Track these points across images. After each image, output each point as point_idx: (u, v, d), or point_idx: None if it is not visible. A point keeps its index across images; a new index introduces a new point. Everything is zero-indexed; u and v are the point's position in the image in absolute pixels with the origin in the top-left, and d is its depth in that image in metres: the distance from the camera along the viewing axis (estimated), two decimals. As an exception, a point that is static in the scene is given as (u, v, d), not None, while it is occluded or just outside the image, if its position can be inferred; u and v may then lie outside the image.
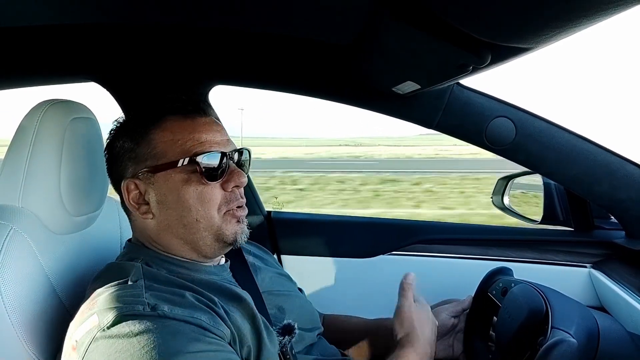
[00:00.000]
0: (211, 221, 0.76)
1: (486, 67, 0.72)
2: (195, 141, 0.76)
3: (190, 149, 0.75)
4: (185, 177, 0.75)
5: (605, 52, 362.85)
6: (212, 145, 0.77)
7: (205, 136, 0.77)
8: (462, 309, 1.03)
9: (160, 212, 0.77)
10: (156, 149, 0.76)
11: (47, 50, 1.12)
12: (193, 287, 0.72)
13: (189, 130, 0.76)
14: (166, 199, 0.76)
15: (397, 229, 1.37)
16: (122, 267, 0.75)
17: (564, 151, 1.08)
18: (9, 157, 0.82)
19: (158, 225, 0.78)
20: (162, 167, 0.75)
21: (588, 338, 0.81)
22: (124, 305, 0.64)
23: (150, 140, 0.76)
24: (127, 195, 0.78)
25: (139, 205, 0.78)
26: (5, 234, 0.74)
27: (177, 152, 0.75)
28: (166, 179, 0.75)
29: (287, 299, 0.94)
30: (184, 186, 0.75)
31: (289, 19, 1.00)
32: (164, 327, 0.62)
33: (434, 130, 1.16)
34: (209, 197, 0.76)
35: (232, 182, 0.77)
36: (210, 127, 0.79)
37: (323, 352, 0.93)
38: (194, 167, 0.74)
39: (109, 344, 0.60)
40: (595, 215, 1.27)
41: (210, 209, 0.76)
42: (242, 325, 0.73)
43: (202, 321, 0.65)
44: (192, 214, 0.76)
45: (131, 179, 0.77)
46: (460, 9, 0.56)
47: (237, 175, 0.78)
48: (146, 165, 0.76)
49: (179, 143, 0.75)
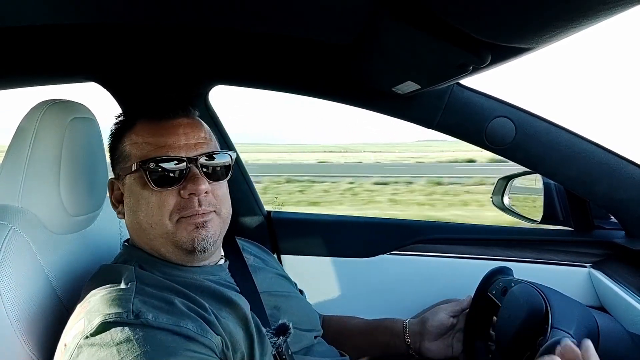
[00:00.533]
0: (163, 228, 0.74)
1: (486, 67, 0.72)
2: (154, 145, 0.75)
3: (147, 154, 0.74)
4: (142, 182, 0.75)
5: (606, 53, 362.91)
6: (171, 149, 0.74)
7: (166, 140, 0.75)
8: (461, 309, 1.03)
9: (127, 215, 0.79)
10: (125, 151, 0.78)
11: (47, 50, 1.12)
12: (185, 292, 0.72)
13: (152, 134, 0.76)
14: (129, 202, 0.78)
15: (398, 228, 1.37)
16: (115, 270, 0.75)
17: (564, 151, 1.08)
18: (8, 157, 0.82)
19: (131, 226, 0.80)
20: (126, 170, 0.77)
21: (588, 338, 0.81)
22: (109, 312, 0.64)
23: (123, 143, 0.78)
24: (110, 193, 0.82)
25: (118, 204, 0.81)
26: (5, 234, 0.74)
27: (137, 156, 0.75)
28: (129, 183, 0.77)
29: (285, 300, 0.94)
30: (140, 191, 0.75)
31: (289, 19, 1.00)
32: (146, 336, 0.62)
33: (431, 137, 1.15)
34: (160, 203, 0.74)
35: (187, 189, 0.74)
36: (175, 130, 0.76)
37: (322, 353, 0.93)
38: (144, 172, 0.74)
39: (91, 352, 0.61)
40: (595, 215, 1.27)
41: (160, 216, 0.74)
42: (235, 331, 0.73)
43: (188, 330, 0.65)
44: (147, 220, 0.75)
45: (114, 178, 0.81)
46: (460, 9, 0.56)
47: (193, 182, 0.74)
48: (120, 167, 0.79)
49: (140, 147, 0.76)
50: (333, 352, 0.97)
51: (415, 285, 1.32)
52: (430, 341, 1.00)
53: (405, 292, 1.32)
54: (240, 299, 0.80)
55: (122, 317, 0.63)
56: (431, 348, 1.00)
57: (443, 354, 1.01)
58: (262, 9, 0.94)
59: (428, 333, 1.00)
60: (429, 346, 1.00)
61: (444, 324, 1.01)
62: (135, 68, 1.21)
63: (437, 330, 1.00)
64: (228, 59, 1.18)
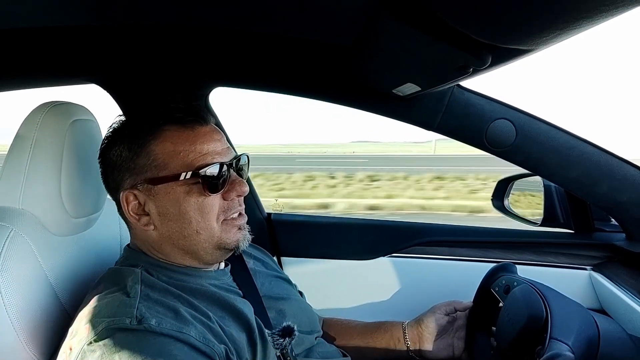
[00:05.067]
0: (211, 232, 0.76)
1: (487, 69, 0.72)
2: (197, 153, 0.75)
3: (192, 162, 0.74)
4: (187, 189, 0.74)
5: (606, 53, 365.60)
6: (214, 156, 0.76)
7: (206, 147, 0.76)
8: (455, 309, 1.03)
9: (162, 224, 0.76)
10: (156, 160, 0.75)
11: (48, 52, 1.12)
12: (189, 300, 0.72)
13: (190, 142, 0.75)
14: (167, 211, 0.75)
15: (398, 231, 1.36)
16: (122, 273, 0.75)
17: (564, 153, 1.08)
18: (9, 158, 0.82)
19: (160, 236, 0.77)
20: (164, 179, 0.74)
21: (587, 347, 0.81)
22: (113, 317, 0.64)
23: (150, 152, 0.75)
24: (126, 206, 0.76)
25: (139, 217, 0.77)
26: (6, 235, 0.74)
27: (178, 165, 0.74)
28: (167, 191, 0.74)
29: (286, 303, 0.94)
30: (185, 198, 0.74)
31: (289, 20, 1.00)
32: (149, 344, 0.62)
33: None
34: (209, 208, 0.75)
35: (234, 192, 0.77)
36: (210, 136, 0.77)
37: (323, 354, 0.93)
38: (197, 180, 0.74)
39: (93, 358, 0.61)
40: (595, 217, 1.27)
41: (210, 220, 0.76)
42: (239, 338, 0.74)
43: (190, 337, 0.65)
44: (193, 226, 0.75)
45: (130, 190, 0.76)
46: (461, 10, 0.56)
47: (239, 185, 0.78)
48: (146, 176, 0.75)
49: (180, 155, 0.74)
50: (334, 352, 0.97)
51: (416, 288, 1.32)
52: (429, 342, 1.01)
53: (405, 294, 1.32)
54: (244, 305, 0.80)
55: (125, 323, 0.63)
56: (431, 349, 1.00)
57: (444, 354, 1.01)
58: (263, 10, 0.94)
59: (425, 334, 1.01)
60: (428, 347, 1.00)
61: (439, 323, 1.01)
62: (136, 70, 1.21)
63: (433, 330, 1.01)
64: (228, 61, 1.19)
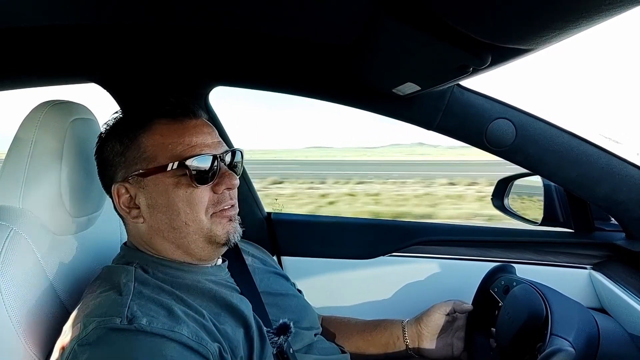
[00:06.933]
0: (200, 224, 0.76)
1: (486, 69, 0.72)
2: (185, 145, 0.75)
3: (180, 153, 0.75)
4: (175, 180, 0.75)
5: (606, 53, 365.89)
6: (203, 148, 0.76)
7: (195, 139, 0.76)
8: (455, 310, 1.03)
9: (151, 216, 0.77)
10: (146, 152, 0.76)
11: (48, 51, 1.12)
12: (183, 297, 0.72)
13: (179, 134, 0.76)
14: (156, 203, 0.76)
15: (397, 230, 1.36)
16: (115, 271, 0.75)
17: (564, 153, 1.08)
18: (9, 157, 0.82)
19: (149, 229, 0.78)
20: (152, 170, 0.75)
21: (587, 344, 0.81)
22: (104, 317, 0.64)
23: (140, 144, 0.76)
24: (117, 199, 0.78)
25: (130, 209, 0.78)
26: (6, 235, 0.74)
27: (167, 156, 0.75)
28: (156, 183, 0.75)
29: (284, 299, 0.95)
30: (173, 190, 0.75)
31: (289, 20, 1.00)
32: (139, 344, 0.62)
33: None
34: (197, 200, 0.76)
35: (223, 184, 0.77)
36: (200, 129, 0.78)
37: (323, 351, 0.93)
38: (184, 171, 0.74)
39: (83, 358, 0.61)
40: (595, 216, 1.27)
41: (198, 212, 0.76)
42: (234, 335, 0.73)
43: (182, 335, 0.65)
44: (181, 218, 0.75)
45: (121, 182, 0.77)
46: (460, 10, 0.56)
47: (229, 178, 0.78)
48: (136, 169, 0.76)
49: (169, 147, 0.75)
50: (334, 349, 0.97)
51: (415, 287, 1.32)
52: (428, 340, 1.01)
53: (405, 293, 1.32)
54: (241, 302, 0.80)
55: (115, 322, 0.63)
56: (430, 347, 1.00)
57: (443, 353, 1.02)
58: (263, 9, 0.94)
59: (424, 332, 1.01)
60: (427, 346, 1.01)
61: (437, 323, 1.01)
62: (136, 69, 1.21)
63: (431, 329, 1.01)
64: (228, 60, 1.19)
